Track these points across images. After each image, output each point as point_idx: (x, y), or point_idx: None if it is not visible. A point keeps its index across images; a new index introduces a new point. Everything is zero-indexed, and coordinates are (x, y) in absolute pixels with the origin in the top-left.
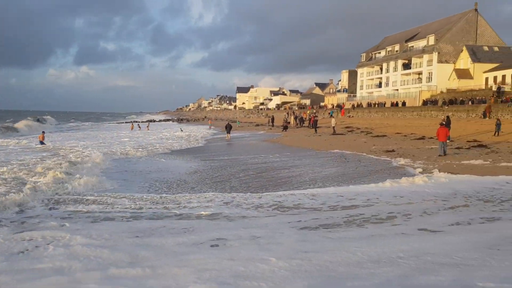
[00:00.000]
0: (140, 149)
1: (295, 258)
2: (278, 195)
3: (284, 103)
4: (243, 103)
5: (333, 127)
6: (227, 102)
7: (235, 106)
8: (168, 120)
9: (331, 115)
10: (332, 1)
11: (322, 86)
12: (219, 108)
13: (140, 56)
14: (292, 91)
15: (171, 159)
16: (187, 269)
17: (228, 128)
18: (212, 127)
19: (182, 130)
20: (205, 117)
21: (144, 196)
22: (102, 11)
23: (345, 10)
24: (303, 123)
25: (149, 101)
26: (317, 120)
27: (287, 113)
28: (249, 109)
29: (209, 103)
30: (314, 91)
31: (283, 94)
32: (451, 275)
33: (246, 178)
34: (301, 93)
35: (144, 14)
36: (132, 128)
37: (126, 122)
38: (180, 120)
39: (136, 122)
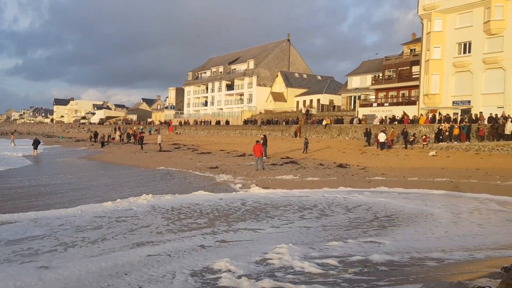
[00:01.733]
0: None
1: None
2: None
3: (108, 117)
4: (62, 116)
5: (159, 143)
6: (43, 115)
7: (52, 119)
8: None
9: (150, 132)
10: (162, 19)
11: (149, 102)
12: (33, 121)
13: None
14: (118, 106)
15: None
16: None
17: (36, 144)
18: (13, 143)
19: None
20: (15, 130)
21: None
22: None
23: (174, 29)
24: (130, 139)
25: None
26: (143, 137)
27: (114, 128)
28: (69, 123)
29: (21, 115)
30: (141, 107)
31: (108, 108)
32: None
33: None
34: (127, 108)
35: None
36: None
37: None
38: None
39: None
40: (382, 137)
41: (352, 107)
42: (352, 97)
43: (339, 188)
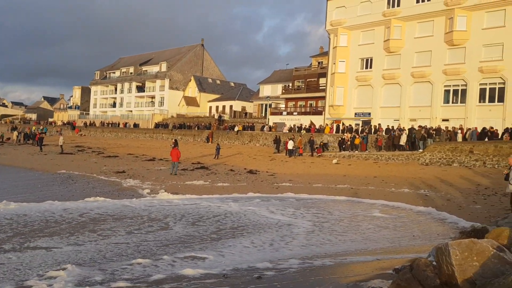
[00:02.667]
0: None
1: None
2: None
3: (4, 116)
4: None
5: (61, 145)
6: None
7: None
8: None
9: (45, 133)
10: (69, 12)
11: (51, 100)
12: None
13: None
14: (15, 103)
15: None
16: None
17: None
18: None
19: None
20: None
21: None
22: None
23: (81, 25)
24: (28, 139)
25: None
26: (43, 137)
27: (11, 128)
28: None
29: None
30: (42, 105)
31: (4, 105)
32: None
33: None
34: (26, 106)
35: None
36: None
37: None
38: None
39: None
40: (290, 145)
41: (263, 115)
42: (264, 105)
43: (248, 194)
